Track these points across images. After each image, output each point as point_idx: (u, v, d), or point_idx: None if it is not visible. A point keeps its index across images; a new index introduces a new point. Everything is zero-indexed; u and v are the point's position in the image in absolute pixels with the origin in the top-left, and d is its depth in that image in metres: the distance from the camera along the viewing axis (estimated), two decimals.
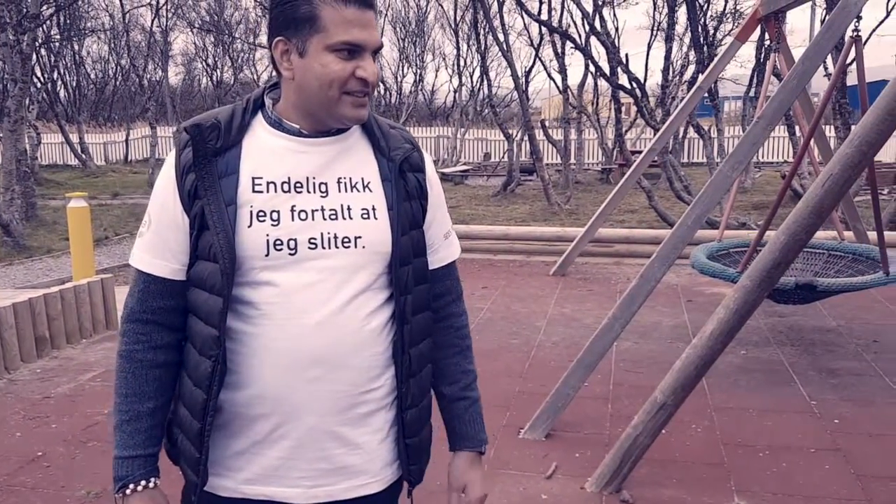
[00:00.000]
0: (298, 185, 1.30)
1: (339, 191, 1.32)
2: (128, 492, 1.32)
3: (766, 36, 5.68)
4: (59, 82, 25.63)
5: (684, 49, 19.21)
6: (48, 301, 4.89)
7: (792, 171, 4.96)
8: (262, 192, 1.28)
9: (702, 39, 13.12)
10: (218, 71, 30.56)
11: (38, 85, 21.61)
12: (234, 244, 1.25)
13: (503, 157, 18.69)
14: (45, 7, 14.33)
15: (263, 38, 34.60)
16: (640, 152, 8.51)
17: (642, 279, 3.73)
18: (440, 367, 1.49)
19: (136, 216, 13.61)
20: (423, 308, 1.42)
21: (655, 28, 20.14)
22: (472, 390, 1.51)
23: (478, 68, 24.71)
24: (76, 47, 26.02)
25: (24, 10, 11.52)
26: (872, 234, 5.10)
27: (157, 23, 21.31)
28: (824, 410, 3.89)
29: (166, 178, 1.32)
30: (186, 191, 1.28)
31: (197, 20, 25.23)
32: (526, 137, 14.24)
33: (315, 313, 1.28)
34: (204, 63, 31.33)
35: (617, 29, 18.89)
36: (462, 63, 25.68)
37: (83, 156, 22.70)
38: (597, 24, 12.99)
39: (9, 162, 11.11)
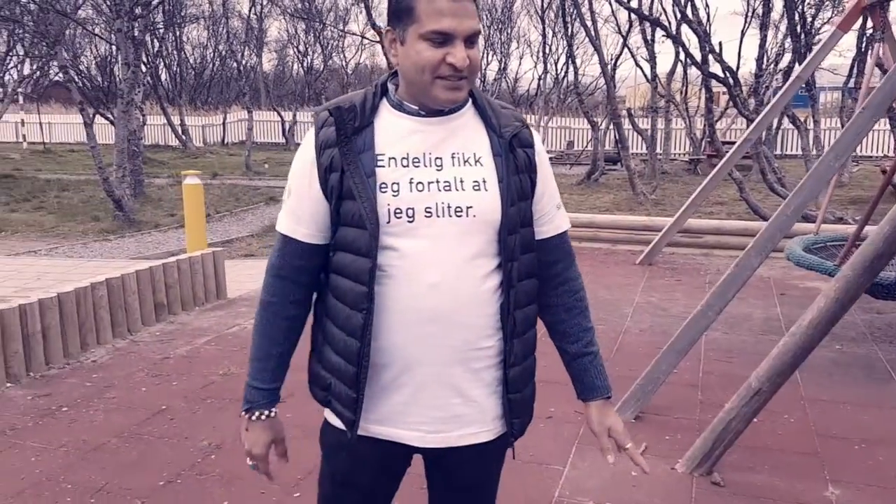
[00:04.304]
0: (416, 160, 1.45)
1: (453, 165, 1.46)
2: (252, 417, 1.57)
3: (870, 25, 5.48)
4: (162, 67, 26.84)
5: (779, 37, 18.53)
6: (166, 270, 5.28)
7: (894, 165, 4.82)
8: (384, 166, 1.43)
9: (799, 27, 12.65)
10: (308, 57, 31.33)
11: (143, 69, 22.72)
12: (377, 210, 1.41)
13: (587, 146, 18.52)
14: None
15: (353, 26, 35.31)
16: (731, 143, 8.34)
17: (738, 268, 3.75)
18: (562, 328, 1.62)
19: (234, 196, 14.23)
20: (529, 275, 1.54)
21: (750, 15, 19.48)
22: (593, 345, 1.63)
23: (562, 56, 24.48)
24: (177, 33, 27.18)
25: None
26: None
27: (254, 10, 22.04)
28: None
29: (305, 153, 1.49)
30: (323, 165, 1.45)
31: (290, 7, 25.87)
32: (611, 126, 14.09)
33: (430, 275, 1.43)
34: (295, 49, 32.19)
35: (708, 16, 18.38)
36: (547, 50, 25.48)
37: (183, 137, 23.77)
38: (688, 11, 12.71)
39: (121, 141, 11.83)
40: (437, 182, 1.44)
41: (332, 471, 1.64)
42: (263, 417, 1.56)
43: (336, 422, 1.56)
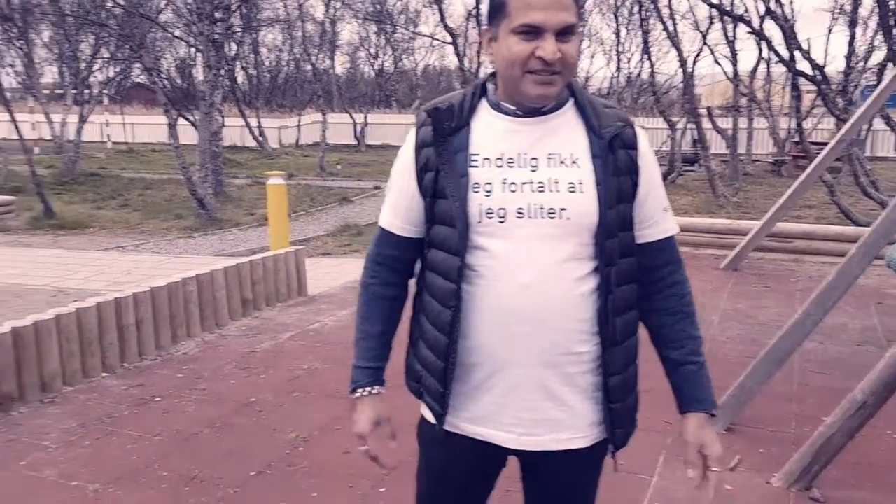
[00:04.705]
0: (511, 160, 1.44)
1: (549, 165, 1.44)
2: (356, 395, 1.59)
3: None
4: (239, 69, 27.63)
5: (869, 34, 17.69)
6: (252, 267, 5.42)
7: None
8: (477, 166, 1.44)
9: (891, 22, 12.02)
10: (379, 59, 31.72)
11: (222, 72, 23.43)
12: (467, 210, 1.42)
13: (662, 146, 18.12)
14: None
15: (423, 28, 35.56)
16: (817, 144, 7.99)
17: (839, 276, 3.57)
18: (665, 333, 1.56)
19: (309, 196, 14.52)
20: (628, 280, 1.49)
21: (837, 11, 18.68)
22: (698, 355, 1.56)
23: (635, 53, 24.02)
24: (254, 37, 27.93)
25: (218, 1, 12.57)
26: None
27: (327, 13, 22.44)
28: None
29: (406, 151, 1.53)
30: (420, 164, 1.48)
31: (362, 10, 26.25)
32: (689, 125, 13.73)
33: (521, 276, 1.41)
34: (367, 52, 32.65)
35: (793, 11, 17.70)
36: (620, 48, 25.06)
37: (260, 139, 24.39)
38: (772, 5, 12.25)
39: (203, 142, 12.23)
40: (531, 183, 1.43)
41: (427, 465, 1.66)
42: (366, 394, 1.59)
43: (430, 416, 1.57)
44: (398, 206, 1.55)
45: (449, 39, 13.49)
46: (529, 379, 1.46)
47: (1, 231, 11.17)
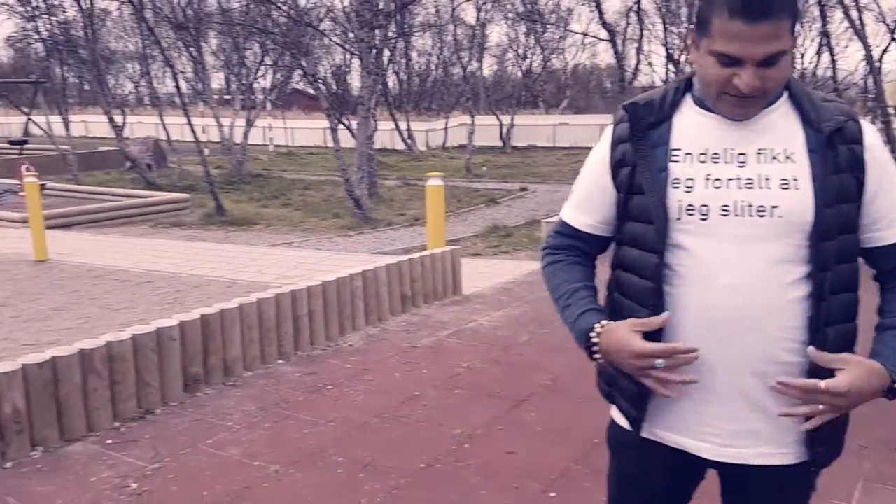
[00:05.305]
0: (715, 155, 1.37)
1: (758, 161, 1.35)
2: (592, 334, 1.41)
3: None
4: (391, 73, 28.59)
5: None
6: (411, 265, 5.58)
7: None
8: (678, 161, 1.38)
9: None
10: (527, 60, 31.70)
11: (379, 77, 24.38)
12: (665, 205, 1.37)
13: None
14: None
15: (575, 26, 35.09)
16: None
17: None
18: (880, 308, 1.42)
19: (456, 197, 14.77)
20: (846, 288, 1.37)
21: None
22: None
23: (809, 48, 22.49)
24: (406, 42, 28.79)
25: (378, 8, 13.06)
26: None
27: (478, 16, 22.73)
28: None
29: (601, 147, 1.51)
30: (615, 160, 1.46)
31: (513, 11, 26.32)
32: (876, 123, 12.67)
33: (726, 277, 1.33)
34: (515, 52, 32.73)
35: None
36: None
37: (409, 141, 25.12)
38: None
39: (360, 145, 12.77)
40: (738, 179, 1.35)
41: (618, 470, 1.61)
42: (599, 329, 1.41)
43: (621, 420, 1.53)
44: (584, 202, 1.53)
45: (604, 36, 13.21)
46: (733, 387, 1.38)
47: (178, 226, 12.20)
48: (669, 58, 22.58)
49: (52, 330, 5.58)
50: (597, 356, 1.42)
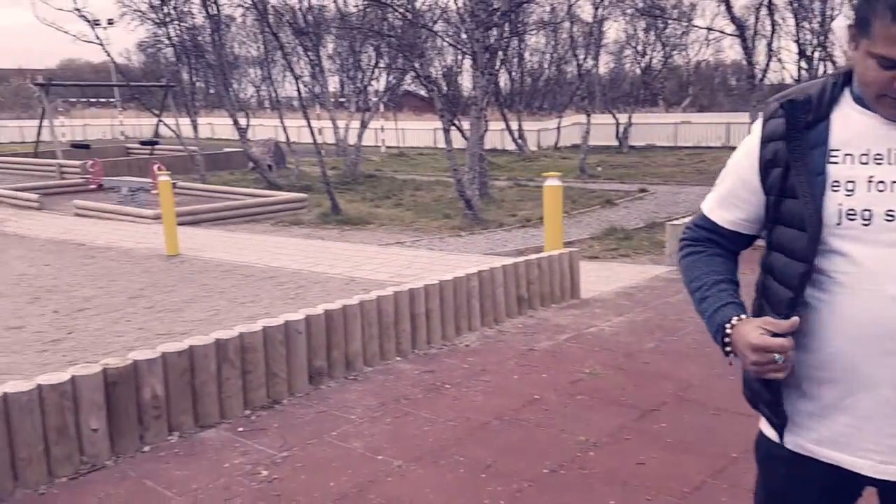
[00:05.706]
0: (878, 156, 1.30)
1: None
2: (728, 327, 1.36)
3: None
4: (503, 72, 28.55)
5: None
6: (528, 267, 5.50)
7: None
8: (836, 162, 1.32)
9: None
10: (647, 56, 30.82)
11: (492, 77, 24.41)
12: (821, 213, 1.30)
13: None
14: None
15: (698, 21, 33.80)
16: None
17: None
18: None
19: (570, 199, 14.53)
20: None
21: None
22: None
23: None
24: (520, 40, 28.67)
25: (494, 7, 13.03)
26: None
27: (595, 13, 22.32)
28: None
29: (750, 143, 1.44)
30: (765, 158, 1.39)
31: (632, 7, 25.66)
32: None
33: (893, 287, 1.26)
34: (634, 49, 31.90)
35: None
36: None
37: (520, 141, 25.02)
38: None
39: (472, 145, 12.80)
40: None
41: (766, 484, 1.56)
42: (735, 322, 1.36)
43: (769, 431, 1.48)
44: (728, 198, 1.48)
45: (731, 31, 12.64)
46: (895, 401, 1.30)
47: (296, 224, 12.63)
48: (802, 54, 21.38)
49: (184, 321, 5.88)
50: (728, 350, 1.38)
